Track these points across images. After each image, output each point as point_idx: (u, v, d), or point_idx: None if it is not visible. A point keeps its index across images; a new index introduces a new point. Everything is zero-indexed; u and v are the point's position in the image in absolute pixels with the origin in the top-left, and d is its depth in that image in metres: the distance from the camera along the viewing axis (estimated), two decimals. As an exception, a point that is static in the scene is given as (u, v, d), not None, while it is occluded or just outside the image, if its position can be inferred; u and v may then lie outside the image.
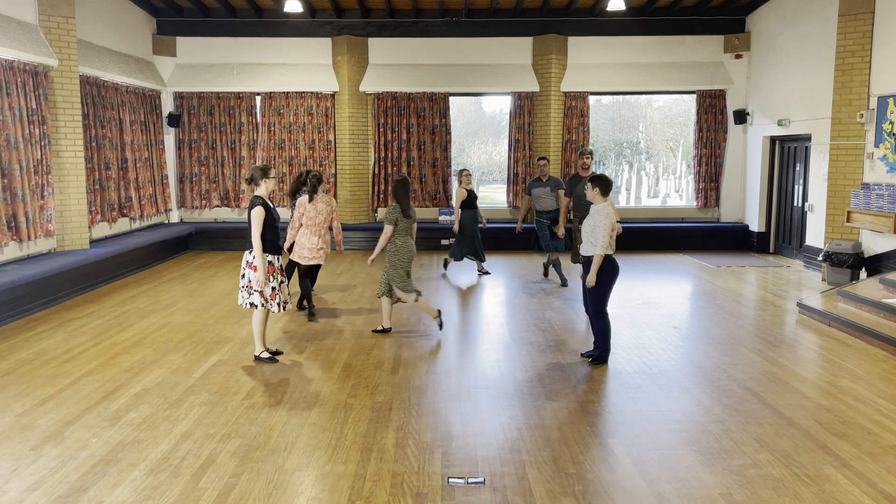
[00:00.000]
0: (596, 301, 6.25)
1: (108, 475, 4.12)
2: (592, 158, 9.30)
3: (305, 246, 7.83)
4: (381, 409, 5.17)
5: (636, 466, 4.25)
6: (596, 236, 6.07)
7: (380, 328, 7.34)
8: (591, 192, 6.22)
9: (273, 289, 6.17)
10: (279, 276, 6.25)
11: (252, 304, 6.18)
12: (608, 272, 6.16)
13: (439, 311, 7.30)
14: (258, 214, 6.00)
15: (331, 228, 8.12)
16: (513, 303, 8.81)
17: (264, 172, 6.13)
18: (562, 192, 9.87)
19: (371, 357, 6.48)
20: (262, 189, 6.14)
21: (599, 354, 6.32)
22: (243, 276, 6.19)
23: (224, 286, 9.78)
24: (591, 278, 6.13)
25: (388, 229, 7.02)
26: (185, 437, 4.67)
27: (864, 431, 4.78)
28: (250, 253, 6.13)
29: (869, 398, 5.42)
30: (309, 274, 8.18)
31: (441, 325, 7.31)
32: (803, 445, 4.54)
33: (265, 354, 6.35)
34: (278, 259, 6.27)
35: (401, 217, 7.03)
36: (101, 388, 5.61)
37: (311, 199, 7.77)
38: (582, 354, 6.51)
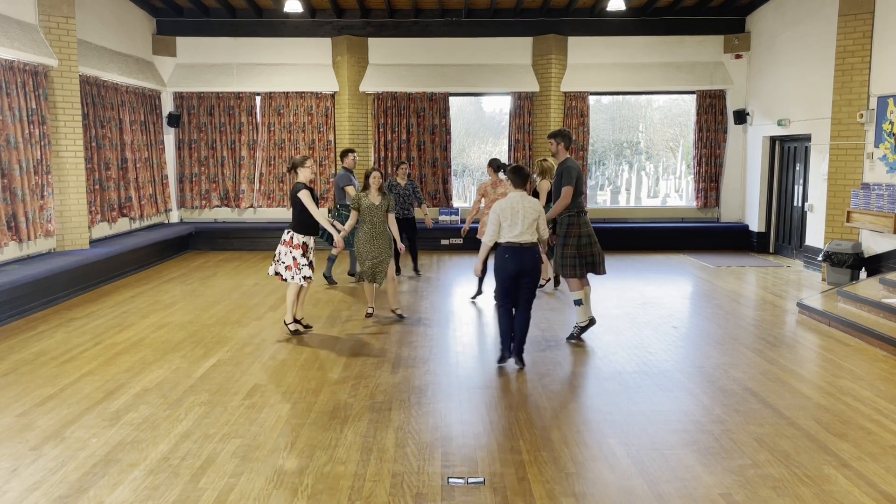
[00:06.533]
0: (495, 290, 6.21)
1: (108, 475, 4.12)
2: (559, 142, 6.84)
3: None
4: (381, 409, 5.17)
5: (636, 466, 4.25)
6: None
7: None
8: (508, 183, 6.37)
9: (303, 265, 6.97)
10: (309, 255, 7.06)
11: (280, 277, 7.02)
12: (496, 263, 6.05)
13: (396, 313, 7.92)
14: (306, 195, 6.92)
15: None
16: (513, 303, 8.80)
17: (301, 162, 7.08)
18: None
19: (371, 357, 6.48)
20: (302, 176, 7.05)
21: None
22: (279, 251, 7.05)
23: (224, 286, 9.78)
24: (477, 265, 6.57)
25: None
26: (184, 437, 4.67)
27: (864, 431, 4.78)
28: (287, 232, 7.03)
29: (869, 398, 5.42)
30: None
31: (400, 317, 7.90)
32: (803, 445, 4.54)
33: (293, 326, 7.16)
34: (312, 239, 7.10)
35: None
36: (101, 388, 5.61)
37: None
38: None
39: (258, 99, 13.63)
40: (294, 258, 7.00)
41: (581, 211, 6.83)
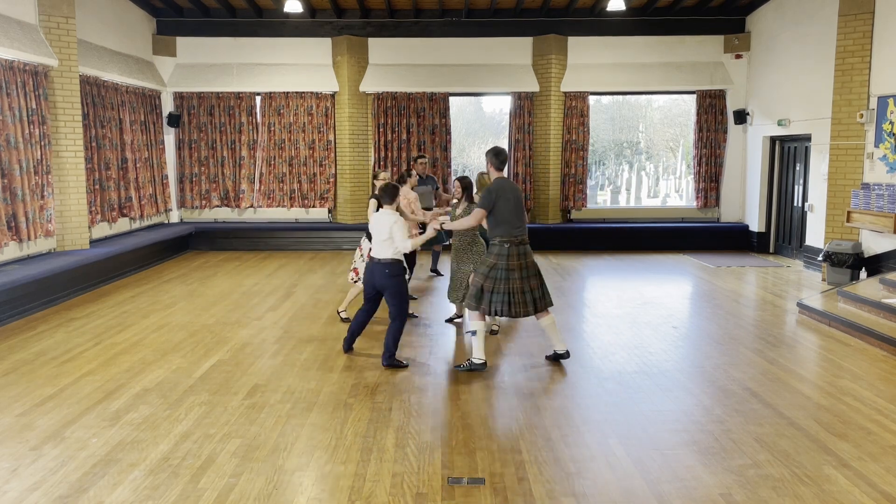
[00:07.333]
0: None
1: (108, 475, 4.12)
2: (488, 160, 6.27)
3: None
4: (381, 409, 5.17)
5: (636, 466, 4.25)
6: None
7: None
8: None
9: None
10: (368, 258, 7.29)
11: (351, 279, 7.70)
12: None
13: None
14: (372, 204, 7.32)
15: None
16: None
17: (376, 175, 7.92)
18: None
19: (371, 357, 6.48)
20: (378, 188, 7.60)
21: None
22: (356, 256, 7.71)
23: (224, 286, 9.78)
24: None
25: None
26: (185, 437, 4.67)
27: (864, 431, 4.78)
28: (364, 239, 7.51)
29: (869, 398, 5.42)
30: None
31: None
32: (803, 445, 4.54)
33: (344, 314, 7.80)
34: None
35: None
36: (101, 388, 5.61)
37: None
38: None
39: (258, 99, 13.63)
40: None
41: (511, 241, 5.92)
